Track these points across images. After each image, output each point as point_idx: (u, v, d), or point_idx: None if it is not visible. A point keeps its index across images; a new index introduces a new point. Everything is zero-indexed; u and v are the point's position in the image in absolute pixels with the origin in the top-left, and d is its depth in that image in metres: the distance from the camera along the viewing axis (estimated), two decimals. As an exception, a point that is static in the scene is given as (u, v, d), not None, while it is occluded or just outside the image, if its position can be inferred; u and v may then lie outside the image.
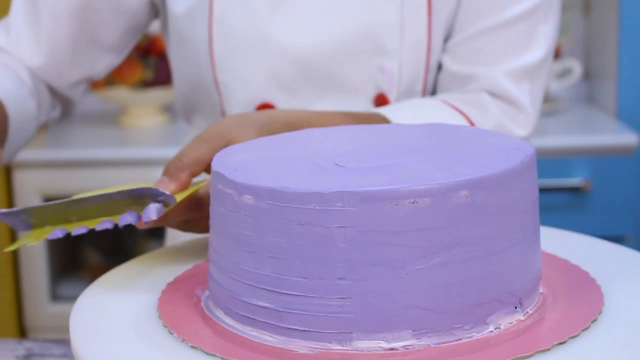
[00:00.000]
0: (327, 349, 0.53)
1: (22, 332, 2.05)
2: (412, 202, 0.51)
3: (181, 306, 0.60)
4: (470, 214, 0.53)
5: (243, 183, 0.54)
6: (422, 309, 0.52)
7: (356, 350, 0.52)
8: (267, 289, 0.54)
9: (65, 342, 0.76)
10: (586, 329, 0.54)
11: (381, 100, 0.87)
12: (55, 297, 2.04)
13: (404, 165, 0.55)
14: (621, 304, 0.58)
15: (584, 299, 0.58)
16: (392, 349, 0.52)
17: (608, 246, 0.68)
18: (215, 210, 0.58)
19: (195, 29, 0.89)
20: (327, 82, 0.87)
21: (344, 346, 0.53)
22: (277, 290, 0.53)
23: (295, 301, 0.53)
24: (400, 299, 0.52)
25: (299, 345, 0.53)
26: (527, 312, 0.57)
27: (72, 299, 0.66)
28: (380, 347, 0.52)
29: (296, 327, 0.53)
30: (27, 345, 0.77)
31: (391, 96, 0.86)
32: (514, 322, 0.56)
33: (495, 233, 0.54)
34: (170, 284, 0.64)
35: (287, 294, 0.53)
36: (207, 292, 0.62)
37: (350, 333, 0.52)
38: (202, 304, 0.61)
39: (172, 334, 0.56)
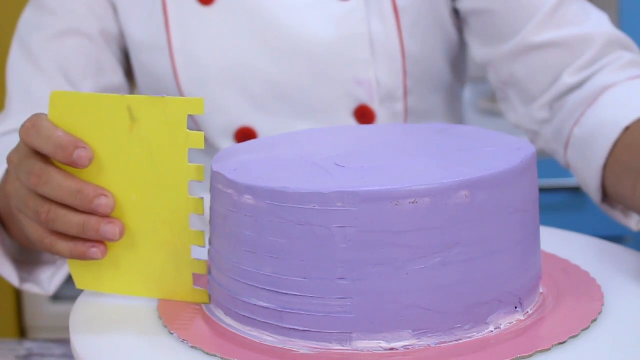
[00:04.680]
0: (327, 349, 0.53)
1: (22, 332, 2.04)
2: (412, 202, 0.51)
3: (181, 306, 0.60)
4: (471, 214, 0.53)
5: (243, 183, 0.54)
6: (422, 309, 0.52)
7: (356, 350, 0.52)
8: (267, 289, 0.54)
9: (65, 342, 0.76)
10: (586, 329, 0.54)
11: (363, 111, 0.85)
12: (55, 297, 2.02)
13: (404, 165, 0.55)
14: (621, 304, 0.57)
15: (584, 299, 0.58)
16: (392, 349, 0.52)
17: (608, 246, 0.68)
18: (215, 211, 0.58)
19: (157, 62, 0.87)
20: (303, 101, 0.85)
21: (344, 346, 0.53)
22: (277, 290, 0.53)
23: (296, 301, 0.53)
24: (400, 299, 0.52)
25: (299, 345, 0.53)
26: (527, 312, 0.57)
27: (72, 299, 0.66)
28: (381, 347, 0.52)
29: (296, 327, 0.53)
30: (27, 345, 0.77)
31: (374, 106, 0.85)
32: (514, 322, 0.56)
33: (495, 233, 0.54)
34: (170, 284, 0.64)
35: (287, 294, 0.53)
36: (207, 292, 0.62)
37: (350, 333, 0.52)
38: (204, 307, 0.61)
39: (172, 334, 0.56)
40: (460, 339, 0.53)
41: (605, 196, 0.78)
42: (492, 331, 0.55)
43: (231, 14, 0.84)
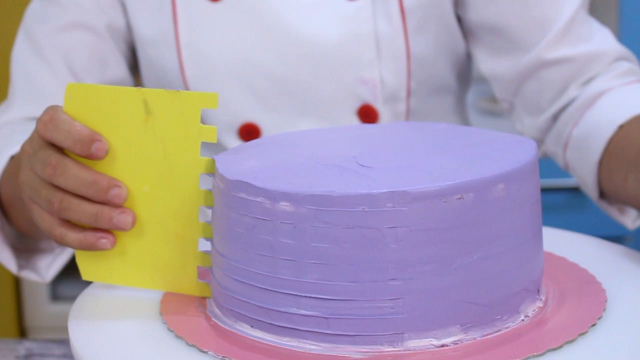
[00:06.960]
0: (379, 352, 0.52)
1: (22, 332, 2.04)
2: (459, 198, 0.52)
3: (183, 305, 0.60)
4: (506, 206, 0.54)
5: (278, 190, 0.53)
6: (468, 303, 0.53)
7: (408, 350, 0.52)
8: (310, 297, 0.53)
9: (65, 342, 0.75)
10: (600, 317, 0.56)
11: (366, 111, 0.85)
12: (55, 297, 2.03)
13: (433, 164, 0.56)
14: (623, 302, 0.59)
15: (586, 295, 0.59)
16: (443, 345, 0.53)
17: (608, 246, 0.70)
18: (235, 220, 0.56)
19: (163, 56, 0.87)
20: (307, 98, 0.85)
21: (395, 347, 0.52)
22: (323, 296, 0.52)
23: (344, 306, 0.52)
24: (449, 295, 0.52)
25: (349, 351, 0.52)
26: (542, 298, 0.59)
27: (72, 299, 0.66)
28: (432, 344, 0.52)
29: (345, 333, 0.52)
30: (27, 345, 0.77)
31: (377, 105, 0.85)
32: (537, 310, 0.57)
33: (524, 223, 0.55)
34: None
35: (334, 299, 0.52)
36: (210, 300, 0.60)
37: (402, 333, 0.52)
38: (214, 318, 0.59)
39: (205, 352, 0.54)
40: (500, 330, 0.55)
41: (603, 194, 0.81)
42: (523, 320, 0.56)
43: (238, 10, 0.84)
